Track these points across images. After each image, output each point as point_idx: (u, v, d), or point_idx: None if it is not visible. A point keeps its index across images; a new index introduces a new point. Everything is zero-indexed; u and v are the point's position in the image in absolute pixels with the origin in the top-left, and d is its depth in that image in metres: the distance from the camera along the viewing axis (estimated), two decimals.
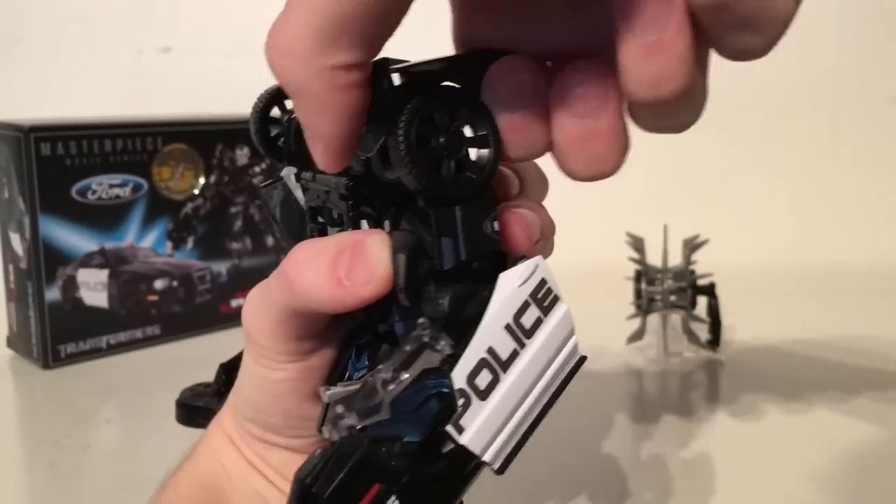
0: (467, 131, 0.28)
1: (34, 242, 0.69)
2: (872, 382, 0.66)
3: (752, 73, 1.12)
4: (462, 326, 0.27)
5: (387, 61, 0.27)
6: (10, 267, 0.73)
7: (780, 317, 0.82)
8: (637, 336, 0.68)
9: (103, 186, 0.71)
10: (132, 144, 0.73)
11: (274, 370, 0.32)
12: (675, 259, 0.72)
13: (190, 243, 0.78)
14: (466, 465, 0.29)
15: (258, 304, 0.32)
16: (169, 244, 0.77)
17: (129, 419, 0.62)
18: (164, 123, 0.76)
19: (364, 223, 0.31)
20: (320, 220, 0.33)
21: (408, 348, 0.27)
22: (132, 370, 0.71)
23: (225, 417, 0.36)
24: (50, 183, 0.69)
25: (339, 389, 0.27)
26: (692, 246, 0.71)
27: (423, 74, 0.28)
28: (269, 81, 0.46)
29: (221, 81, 0.96)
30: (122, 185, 0.73)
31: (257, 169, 0.81)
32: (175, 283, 0.77)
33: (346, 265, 0.28)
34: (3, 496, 0.51)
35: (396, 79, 0.28)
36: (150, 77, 1.02)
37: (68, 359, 0.71)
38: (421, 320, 0.27)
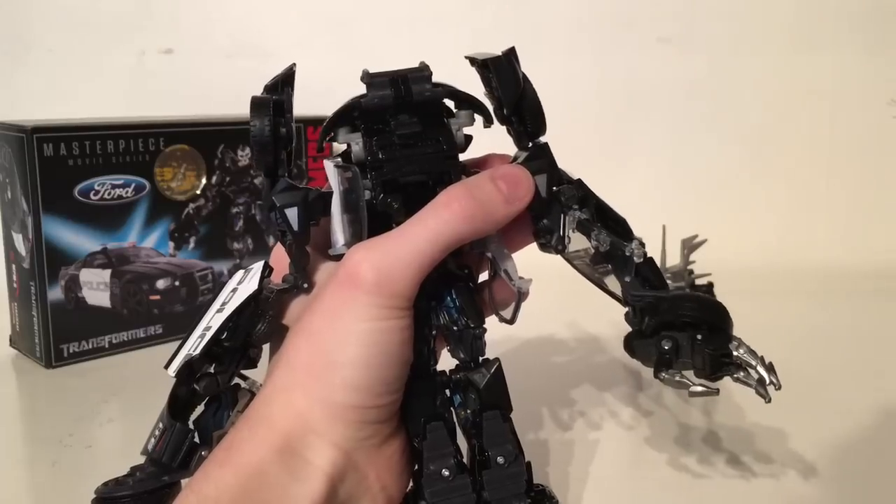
0: None
1: (37, 242, 0.69)
2: (870, 382, 0.66)
3: (750, 73, 1.13)
4: None
5: None
6: (14, 267, 0.73)
7: (778, 316, 0.82)
8: None
9: (106, 187, 0.72)
10: (134, 145, 0.73)
11: (401, 318, 0.36)
12: (674, 259, 0.72)
13: (192, 243, 0.78)
14: None
15: (396, 255, 0.36)
16: (171, 244, 0.77)
17: (131, 418, 0.62)
18: (166, 124, 0.76)
19: None
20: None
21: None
22: (134, 369, 0.71)
23: (292, 411, 0.35)
24: (53, 183, 0.69)
25: None
26: (690, 246, 0.71)
27: None
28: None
29: (223, 82, 0.97)
30: (124, 186, 0.73)
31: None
32: (177, 283, 0.77)
33: (506, 188, 0.38)
34: (5, 494, 0.51)
35: None
36: (153, 78, 1.02)
37: (71, 358, 0.71)
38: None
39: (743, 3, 1.08)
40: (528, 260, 0.45)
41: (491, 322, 0.42)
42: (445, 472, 0.37)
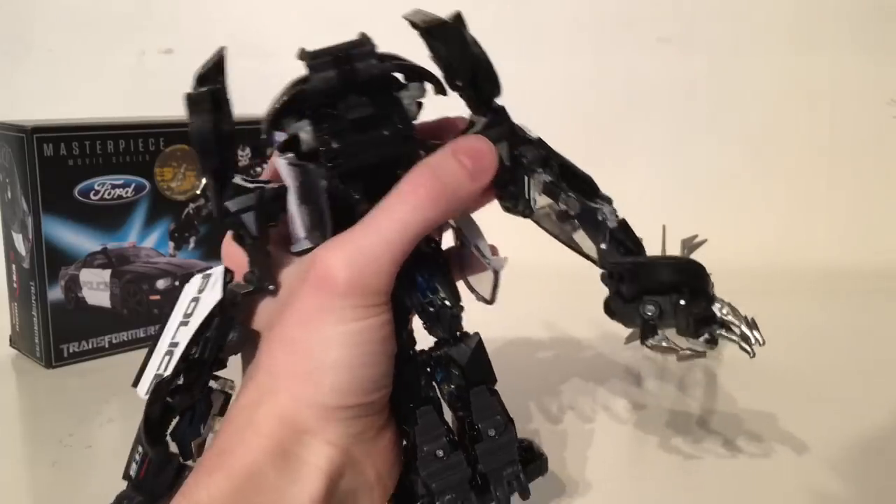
0: None
1: (37, 242, 0.69)
2: (870, 382, 0.66)
3: (750, 73, 1.13)
4: None
5: None
6: (14, 267, 0.73)
7: (778, 316, 0.81)
8: (635, 336, 0.68)
9: (106, 187, 0.72)
10: (134, 145, 0.73)
11: (380, 314, 0.35)
12: None
13: (192, 243, 0.78)
14: None
15: (367, 251, 0.34)
16: (171, 244, 0.77)
17: (131, 418, 0.61)
18: (167, 124, 0.76)
19: None
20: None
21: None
22: (134, 369, 0.71)
23: (279, 415, 0.34)
24: (53, 183, 0.69)
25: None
26: (690, 246, 0.71)
27: None
28: (269, 82, 0.46)
29: None
30: (124, 186, 0.73)
31: (259, 169, 0.81)
32: (177, 283, 0.77)
33: (470, 163, 0.36)
34: (5, 494, 0.51)
35: None
36: (153, 78, 1.02)
37: (71, 358, 0.71)
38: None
39: (743, 3, 1.08)
40: (526, 259, 0.45)
41: (488, 323, 0.42)
42: (440, 453, 0.37)
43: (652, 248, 0.72)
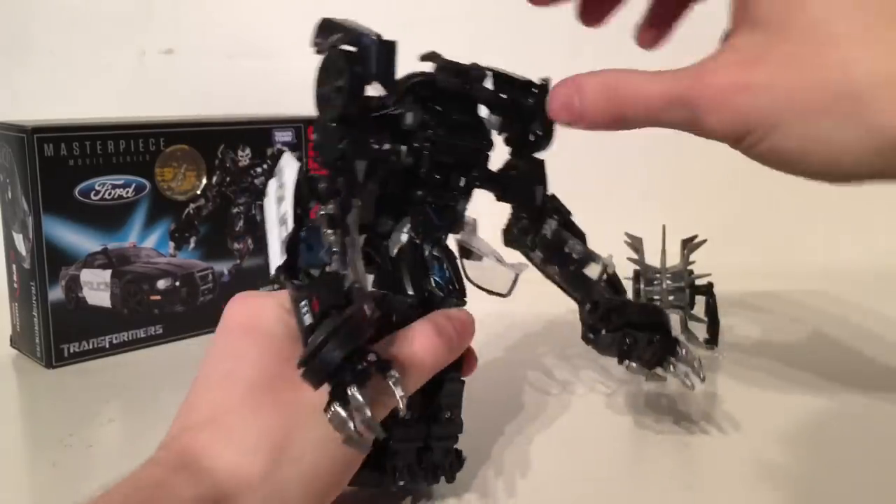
0: None
1: (37, 242, 0.69)
2: (870, 382, 0.66)
3: None
4: None
5: None
6: (14, 267, 0.73)
7: (778, 316, 0.82)
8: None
9: (106, 187, 0.72)
10: (135, 145, 0.73)
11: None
12: (674, 259, 0.72)
13: (192, 243, 0.78)
14: None
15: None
16: (171, 244, 0.77)
17: (132, 418, 0.62)
18: (167, 124, 0.76)
19: None
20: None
21: None
22: (135, 369, 0.71)
23: None
24: (53, 183, 0.69)
25: None
26: (690, 246, 0.71)
27: None
28: (269, 82, 0.46)
29: (223, 83, 0.97)
30: (124, 186, 0.73)
31: (259, 170, 0.81)
32: (177, 283, 0.77)
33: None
34: (5, 495, 0.51)
35: None
36: (153, 78, 1.02)
37: (71, 358, 0.72)
38: None
39: None
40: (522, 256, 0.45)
41: (485, 321, 0.42)
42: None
43: (652, 248, 0.73)
